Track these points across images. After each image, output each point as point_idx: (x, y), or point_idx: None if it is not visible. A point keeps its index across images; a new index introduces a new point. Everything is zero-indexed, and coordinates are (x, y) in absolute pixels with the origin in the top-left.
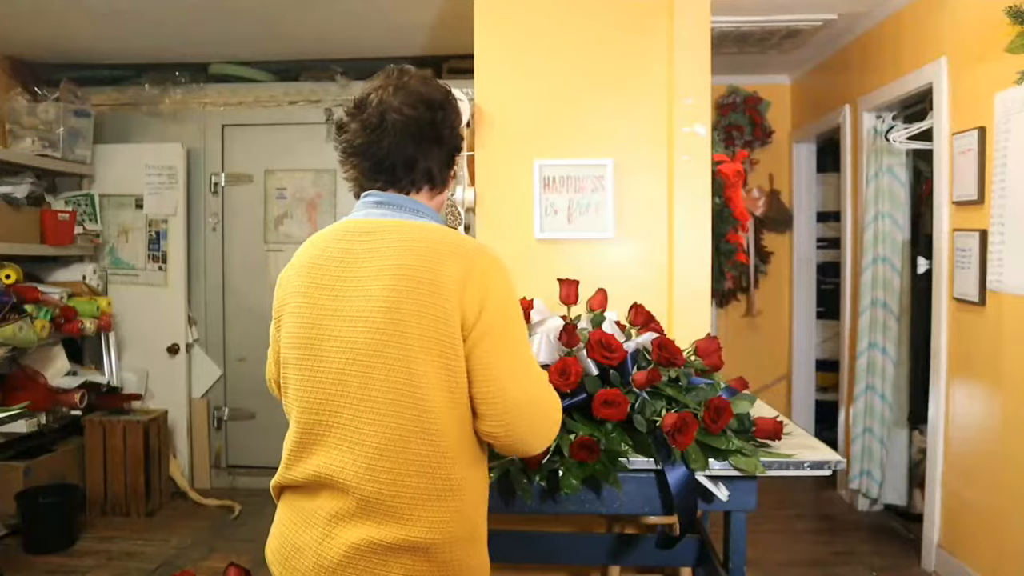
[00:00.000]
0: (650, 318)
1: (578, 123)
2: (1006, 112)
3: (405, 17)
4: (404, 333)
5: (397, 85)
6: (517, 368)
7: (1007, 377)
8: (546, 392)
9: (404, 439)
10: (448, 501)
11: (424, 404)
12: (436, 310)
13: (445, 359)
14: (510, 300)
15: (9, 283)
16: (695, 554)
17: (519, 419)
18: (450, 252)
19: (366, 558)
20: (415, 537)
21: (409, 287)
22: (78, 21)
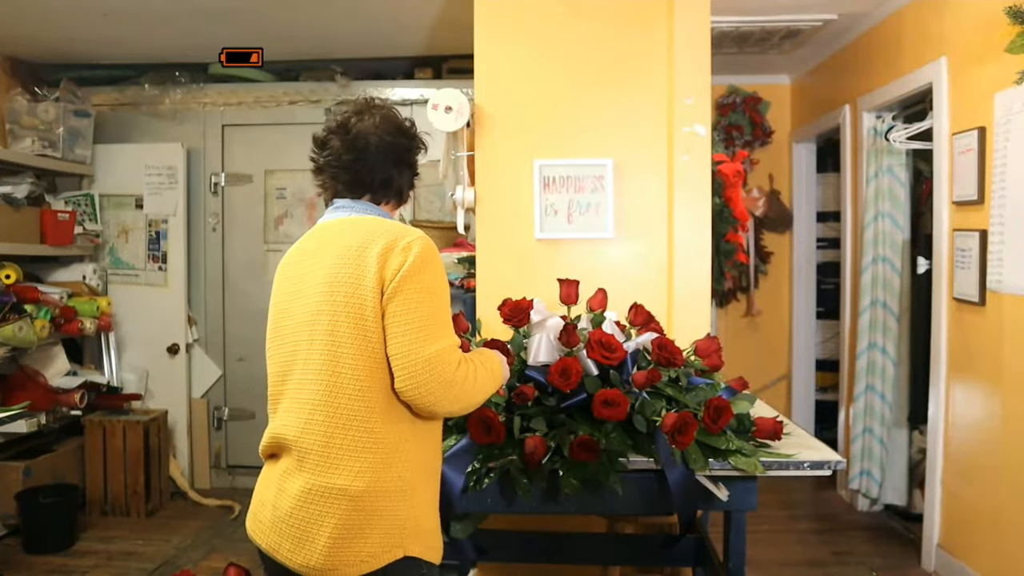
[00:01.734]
0: (650, 318)
1: (578, 123)
2: (1006, 112)
3: (405, 17)
4: (334, 302)
5: (382, 114)
6: (425, 330)
7: (1007, 377)
8: (449, 356)
9: (334, 395)
10: (373, 453)
11: (347, 363)
12: (358, 278)
13: (363, 321)
14: (427, 272)
15: (9, 283)
16: (695, 554)
17: (425, 379)
18: (384, 232)
19: (306, 506)
20: (342, 484)
21: (343, 262)
22: (78, 21)
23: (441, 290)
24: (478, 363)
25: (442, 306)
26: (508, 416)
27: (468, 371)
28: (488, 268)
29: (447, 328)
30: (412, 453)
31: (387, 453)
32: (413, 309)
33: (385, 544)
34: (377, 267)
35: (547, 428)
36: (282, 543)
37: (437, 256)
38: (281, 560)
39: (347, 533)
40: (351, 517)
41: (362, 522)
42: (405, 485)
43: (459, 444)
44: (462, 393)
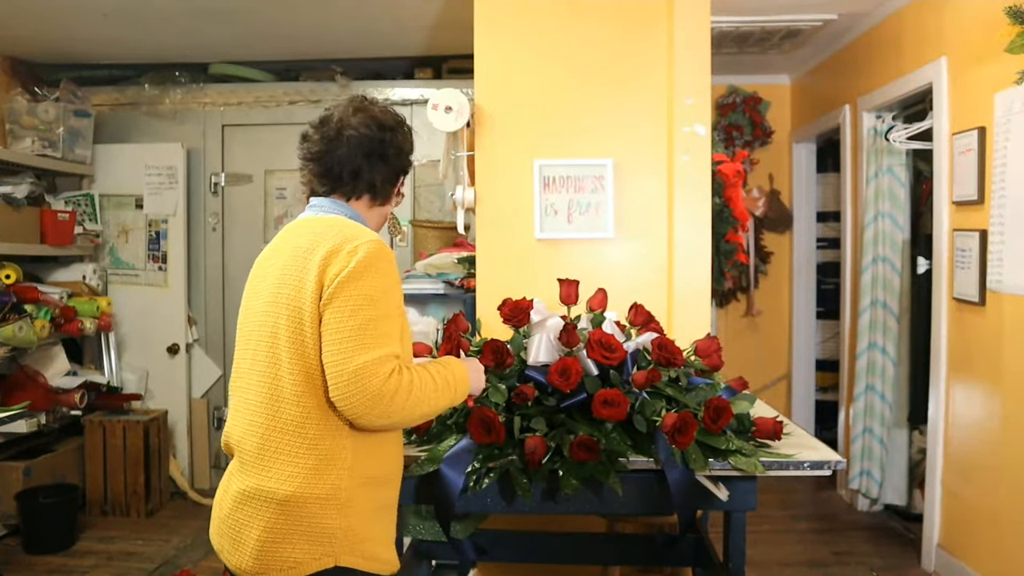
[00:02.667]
0: (650, 318)
1: (578, 123)
2: (1006, 112)
3: (405, 17)
4: (278, 304)
5: (358, 107)
6: (356, 339)
7: (1007, 377)
8: (378, 368)
9: (273, 399)
10: (306, 459)
11: (286, 368)
12: (301, 281)
13: (301, 326)
14: (368, 278)
15: (9, 283)
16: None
17: (350, 391)
18: (334, 235)
19: (240, 508)
20: (270, 487)
21: (291, 264)
22: (78, 21)
23: (382, 297)
24: (423, 375)
25: (382, 314)
26: (508, 416)
27: (401, 385)
28: (488, 268)
29: (383, 338)
30: (351, 462)
31: (322, 460)
32: (348, 316)
33: (313, 552)
34: (318, 271)
35: (547, 428)
36: (223, 544)
37: (385, 261)
38: (224, 561)
39: (274, 537)
40: (277, 521)
41: (288, 527)
42: (339, 494)
43: (459, 444)
44: (392, 408)
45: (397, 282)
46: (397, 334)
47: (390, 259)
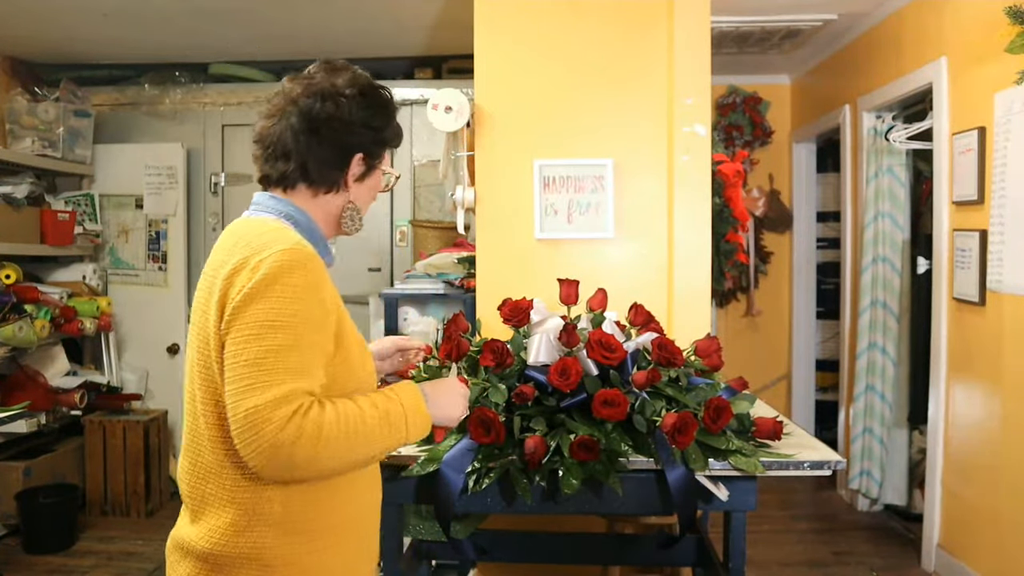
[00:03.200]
0: (650, 318)
1: (578, 123)
2: (1006, 112)
3: (405, 17)
4: (192, 333)
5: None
6: (249, 377)
7: (1007, 377)
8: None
9: (193, 440)
10: (229, 512)
11: (200, 406)
12: (206, 305)
13: (207, 359)
14: (268, 299)
15: (9, 283)
16: (695, 554)
17: (245, 440)
18: (244, 245)
19: (170, 552)
20: (191, 540)
21: (203, 283)
22: (78, 21)
23: (287, 322)
24: (348, 414)
25: (286, 344)
26: (508, 416)
27: (304, 431)
28: (488, 268)
29: (284, 373)
30: (280, 517)
31: (244, 514)
32: (242, 349)
33: None
34: (221, 292)
35: (547, 428)
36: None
37: (296, 276)
38: None
39: None
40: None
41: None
42: (263, 554)
43: (459, 444)
44: (296, 460)
45: (315, 300)
46: (313, 365)
47: (307, 271)
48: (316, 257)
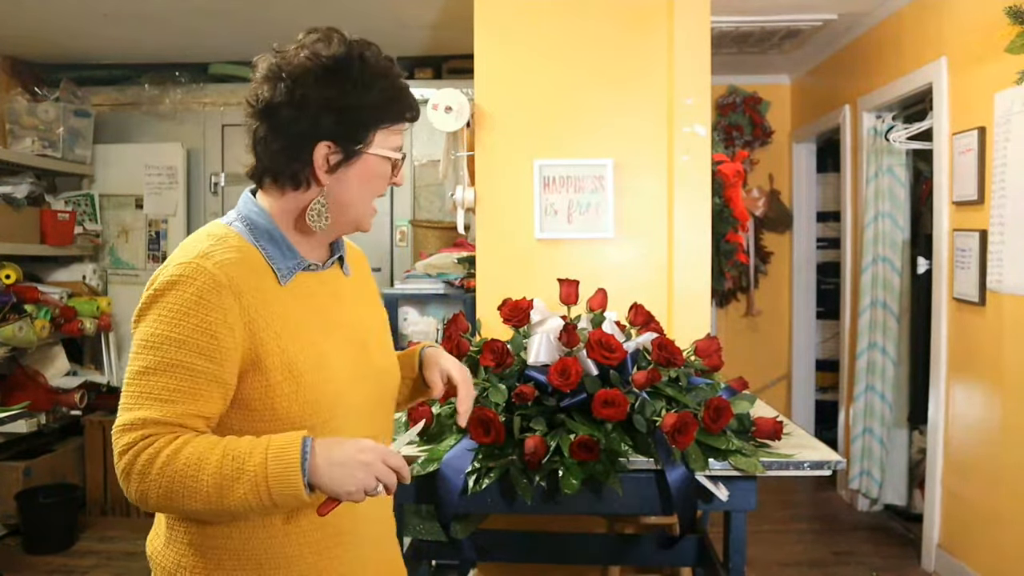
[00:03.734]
0: (650, 318)
1: (578, 123)
2: (1006, 112)
3: (405, 17)
4: None
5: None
6: (122, 397)
7: (1007, 377)
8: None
9: None
10: (158, 525)
11: None
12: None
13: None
14: (151, 315)
15: (9, 283)
16: (695, 554)
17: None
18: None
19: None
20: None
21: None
22: (78, 21)
23: (162, 344)
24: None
25: (145, 367)
26: (508, 416)
27: (135, 467)
28: (488, 268)
29: (142, 399)
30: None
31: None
32: (128, 367)
33: None
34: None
35: (547, 428)
36: None
37: (181, 293)
38: None
39: None
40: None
41: None
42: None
43: (459, 444)
44: (132, 494)
45: (195, 322)
46: (177, 392)
47: (193, 290)
48: (211, 274)
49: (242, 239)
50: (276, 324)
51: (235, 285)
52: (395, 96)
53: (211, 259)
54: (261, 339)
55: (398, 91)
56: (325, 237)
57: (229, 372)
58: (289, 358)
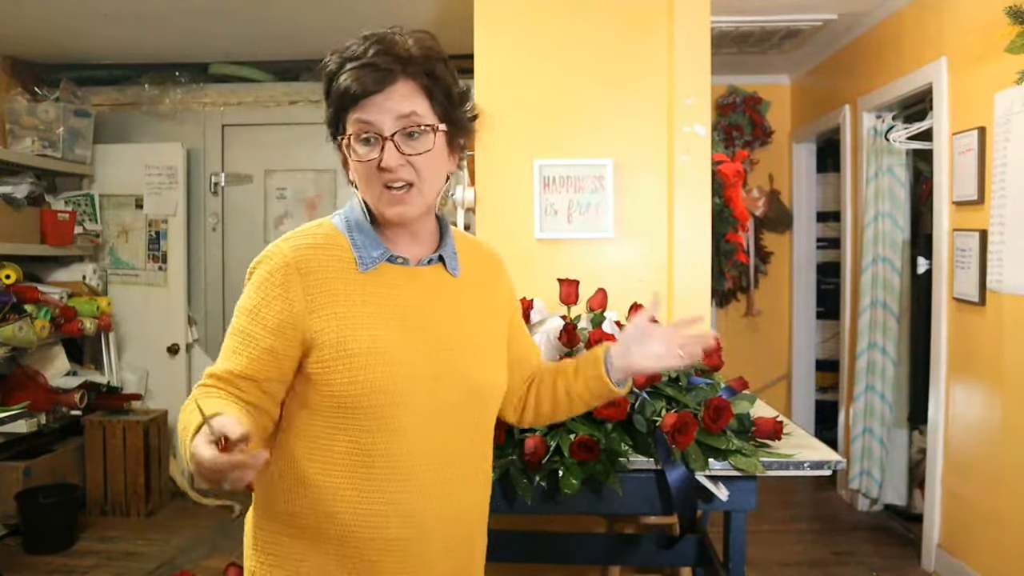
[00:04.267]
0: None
1: (578, 123)
2: (1006, 112)
3: (405, 17)
4: None
5: None
6: None
7: (1007, 377)
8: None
9: None
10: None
11: None
12: None
13: None
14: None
15: (9, 283)
16: (695, 554)
17: None
18: None
19: None
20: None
21: None
22: (78, 21)
23: (239, 309)
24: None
25: (231, 328)
26: None
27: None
28: None
29: (220, 353)
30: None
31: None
32: None
33: None
34: None
35: (547, 428)
36: None
37: (260, 268)
38: None
39: None
40: None
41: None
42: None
43: None
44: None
45: (261, 293)
46: (235, 352)
47: (265, 267)
48: (284, 254)
49: (335, 228)
50: (339, 306)
51: (303, 265)
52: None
53: (290, 242)
54: (320, 316)
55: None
56: (399, 228)
57: (285, 344)
58: (342, 337)
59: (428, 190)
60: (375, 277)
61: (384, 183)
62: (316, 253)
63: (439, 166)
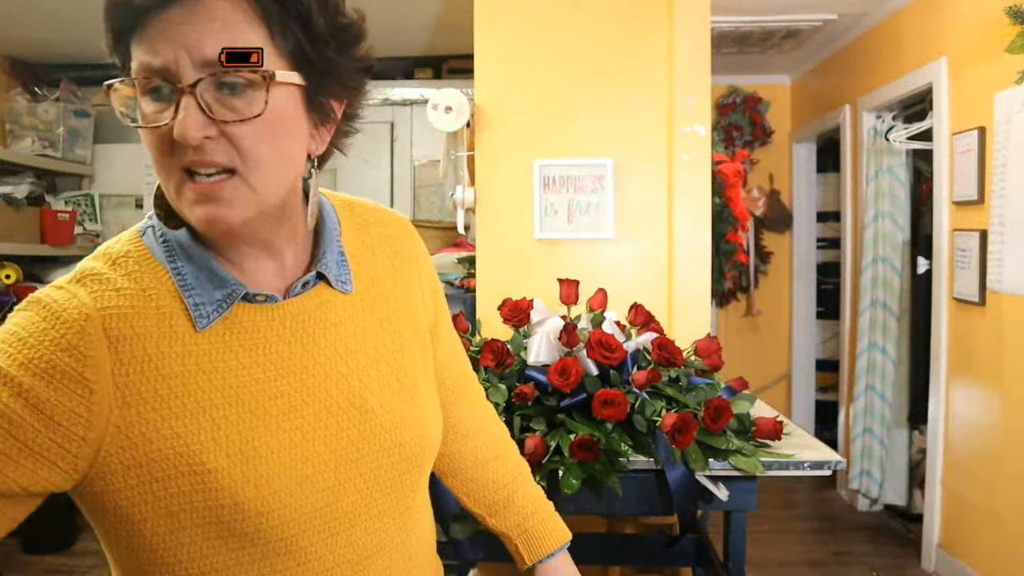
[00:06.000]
0: (650, 318)
1: (578, 123)
2: (1006, 112)
3: (405, 17)
4: None
5: None
6: None
7: (1007, 377)
8: None
9: None
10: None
11: None
12: None
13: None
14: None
15: (9, 283)
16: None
17: None
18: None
19: None
20: None
21: None
22: (78, 21)
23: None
24: None
25: None
26: (508, 416)
27: None
28: (488, 268)
29: None
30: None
31: None
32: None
33: None
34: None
35: (547, 428)
36: None
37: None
38: None
39: None
40: None
41: None
42: None
43: None
44: None
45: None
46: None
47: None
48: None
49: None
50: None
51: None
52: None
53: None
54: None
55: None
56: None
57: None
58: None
59: (263, 182)
60: (223, 332)
61: (183, 166)
62: (129, 304)
63: (285, 142)
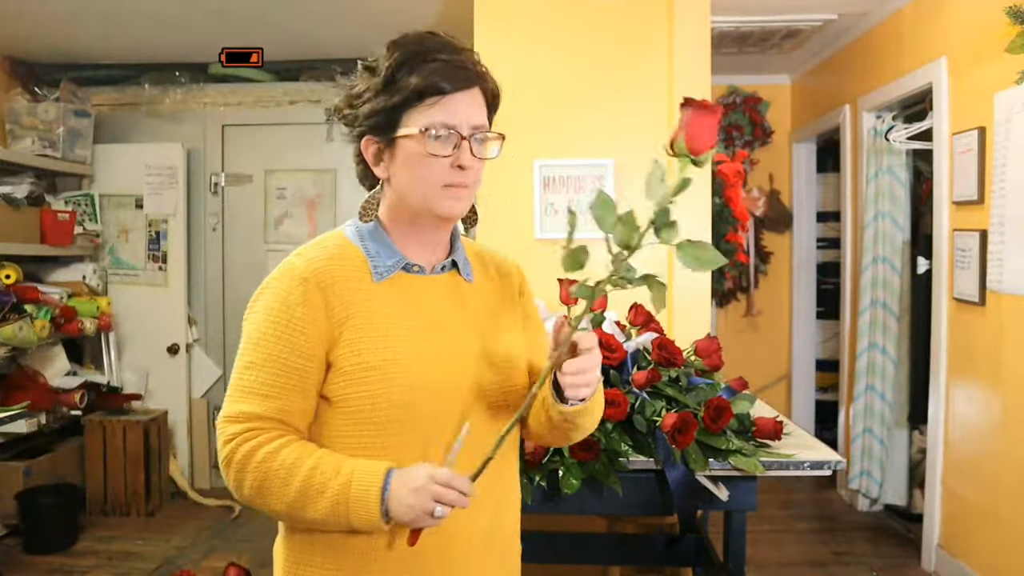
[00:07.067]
0: (650, 318)
1: (578, 123)
2: (1006, 112)
3: (405, 17)
4: None
5: None
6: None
7: (1007, 377)
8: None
9: None
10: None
11: None
12: None
13: None
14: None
15: (9, 283)
16: (695, 554)
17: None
18: None
19: None
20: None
21: None
22: (78, 21)
23: (255, 336)
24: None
25: (251, 360)
26: None
27: (235, 459)
28: None
29: (242, 392)
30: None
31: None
32: (236, 361)
33: None
34: None
35: None
36: None
37: (272, 291)
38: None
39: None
40: None
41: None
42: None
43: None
44: (230, 483)
45: (287, 320)
46: (270, 388)
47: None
48: (299, 270)
49: (345, 238)
50: (359, 318)
51: (321, 279)
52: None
53: (302, 257)
54: (342, 330)
55: (425, 66)
56: (421, 233)
57: (317, 367)
58: (360, 350)
59: (474, 194)
60: (390, 287)
61: (448, 181)
62: (331, 265)
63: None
